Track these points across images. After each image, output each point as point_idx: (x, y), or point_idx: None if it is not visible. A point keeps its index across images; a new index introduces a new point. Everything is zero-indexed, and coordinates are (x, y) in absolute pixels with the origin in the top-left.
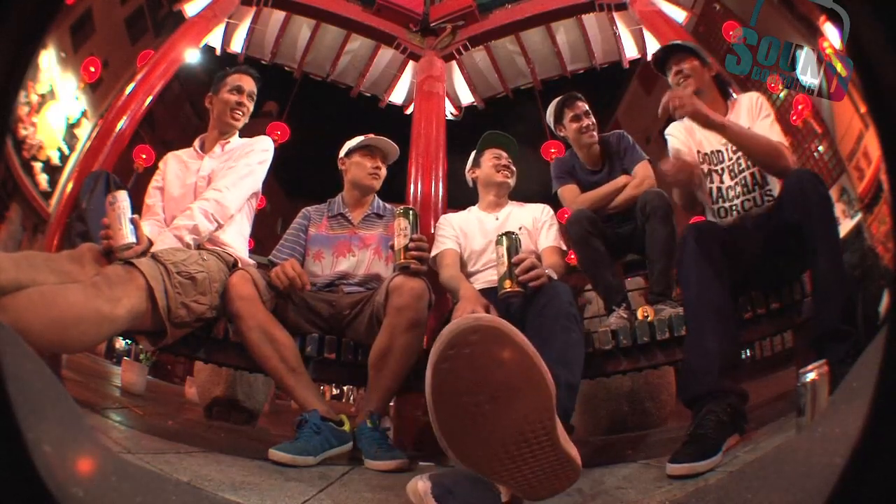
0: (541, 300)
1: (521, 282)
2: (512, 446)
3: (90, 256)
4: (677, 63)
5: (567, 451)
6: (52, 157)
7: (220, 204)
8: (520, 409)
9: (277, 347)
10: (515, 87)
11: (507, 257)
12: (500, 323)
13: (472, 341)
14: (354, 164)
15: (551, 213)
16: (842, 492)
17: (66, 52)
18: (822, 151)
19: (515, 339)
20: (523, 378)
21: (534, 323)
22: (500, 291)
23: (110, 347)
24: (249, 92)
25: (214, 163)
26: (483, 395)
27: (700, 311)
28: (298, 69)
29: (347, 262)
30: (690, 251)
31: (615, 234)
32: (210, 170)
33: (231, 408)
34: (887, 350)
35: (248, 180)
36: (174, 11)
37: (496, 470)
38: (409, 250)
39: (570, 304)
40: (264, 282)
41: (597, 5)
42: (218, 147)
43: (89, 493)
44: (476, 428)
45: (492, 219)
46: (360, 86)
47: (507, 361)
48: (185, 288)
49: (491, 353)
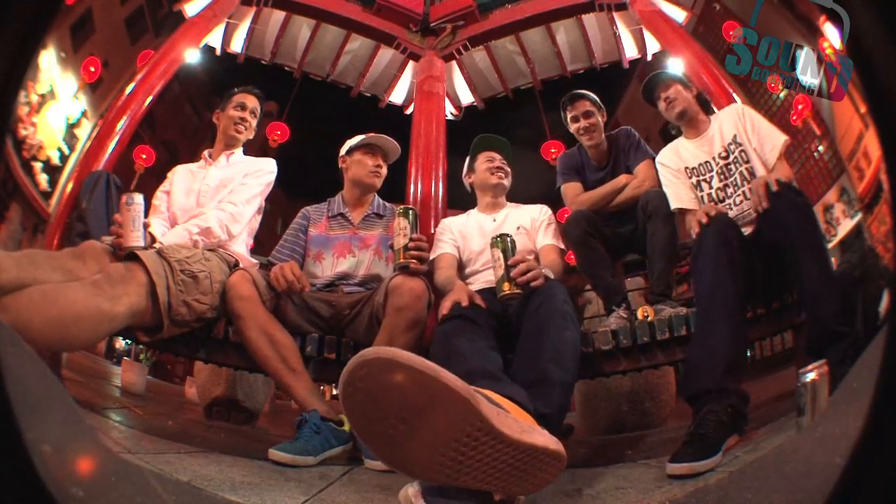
0: (535, 299)
1: (518, 284)
2: (452, 453)
3: (92, 253)
4: (664, 90)
5: (525, 441)
6: (52, 157)
7: (234, 217)
8: (437, 421)
9: (277, 348)
10: (515, 87)
11: (503, 260)
12: (385, 351)
13: (363, 375)
14: (355, 163)
15: (549, 213)
16: (842, 492)
17: (66, 52)
18: (822, 151)
19: (403, 362)
20: (425, 394)
21: (529, 322)
22: (498, 294)
23: (110, 347)
24: (252, 109)
25: (219, 172)
26: (392, 420)
27: (711, 306)
28: (298, 69)
29: (348, 262)
30: (709, 242)
31: (615, 234)
32: (215, 178)
33: (231, 408)
34: (887, 350)
35: (259, 199)
36: (174, 11)
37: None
38: (408, 250)
39: (564, 303)
40: (265, 282)
41: (597, 5)
42: (223, 157)
43: (89, 493)
44: (403, 449)
45: (489, 220)
46: (360, 86)
47: (402, 385)
48: (186, 286)
49: (382, 381)
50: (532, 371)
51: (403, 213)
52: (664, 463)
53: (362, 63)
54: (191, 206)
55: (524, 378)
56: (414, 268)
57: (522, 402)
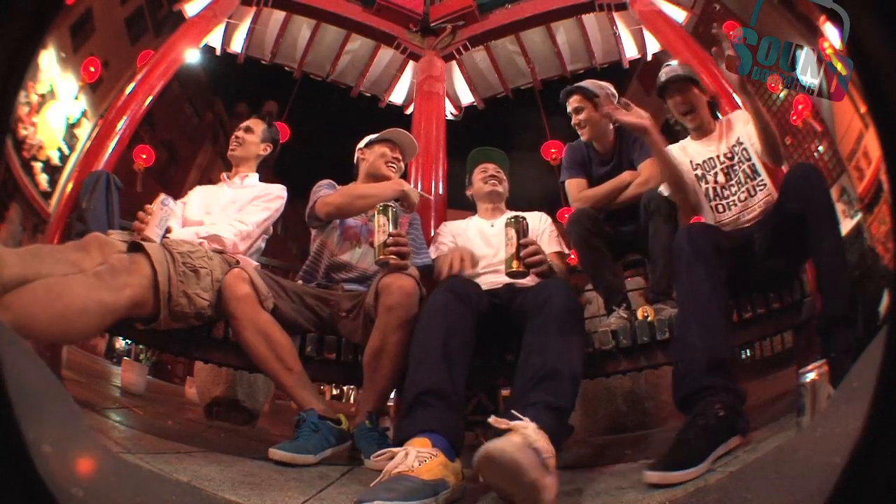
0: (542, 294)
1: (526, 264)
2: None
3: (96, 245)
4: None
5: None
6: (52, 157)
7: (243, 234)
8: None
9: (274, 348)
10: (515, 87)
11: (515, 239)
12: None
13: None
14: (373, 153)
15: (549, 220)
16: (842, 492)
17: (66, 52)
18: (822, 151)
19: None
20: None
21: (536, 317)
22: (507, 270)
23: (110, 347)
24: (245, 128)
25: (232, 192)
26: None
27: (688, 310)
28: (298, 69)
29: (352, 251)
30: (682, 252)
31: (617, 233)
32: (227, 196)
33: (231, 408)
34: (887, 350)
35: (267, 223)
36: (174, 11)
37: None
38: (387, 246)
39: (571, 300)
40: (262, 281)
41: (597, 5)
42: (238, 179)
43: (89, 493)
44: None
45: (488, 226)
46: (360, 86)
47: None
48: (187, 278)
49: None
50: (543, 365)
51: (383, 210)
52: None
53: (362, 63)
54: (201, 217)
55: (534, 372)
56: (394, 263)
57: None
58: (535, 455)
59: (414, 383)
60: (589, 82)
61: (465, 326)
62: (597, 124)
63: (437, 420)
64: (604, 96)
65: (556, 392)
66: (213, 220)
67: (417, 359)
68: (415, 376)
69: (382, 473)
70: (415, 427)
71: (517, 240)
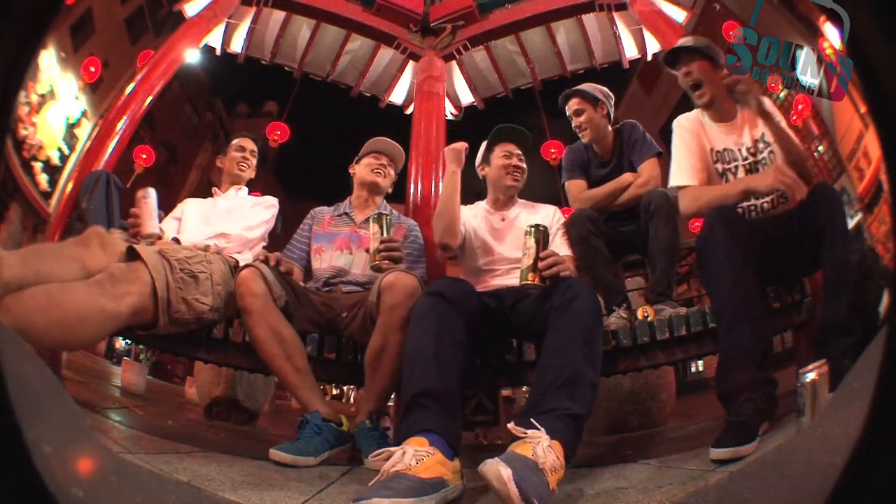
0: (567, 294)
1: (543, 277)
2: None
3: (97, 240)
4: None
5: None
6: (52, 157)
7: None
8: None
9: (285, 346)
10: (515, 87)
11: (535, 250)
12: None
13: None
14: (361, 166)
15: (561, 219)
16: (842, 492)
17: (66, 52)
18: (822, 151)
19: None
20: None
21: (559, 318)
22: (521, 280)
23: (110, 347)
24: (251, 150)
25: (227, 203)
26: None
27: (735, 299)
28: (298, 69)
29: (344, 258)
30: (718, 235)
31: (617, 234)
32: (224, 207)
33: (231, 408)
34: (887, 350)
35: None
36: (174, 11)
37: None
38: (380, 251)
39: (596, 303)
40: (275, 279)
41: (597, 5)
42: (232, 191)
43: (89, 494)
44: None
45: (497, 218)
46: (360, 86)
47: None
48: (186, 284)
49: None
50: (566, 368)
51: (376, 218)
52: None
53: (362, 63)
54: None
55: (556, 375)
56: (387, 268)
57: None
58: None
59: (408, 387)
60: (587, 86)
61: (454, 328)
62: (598, 126)
63: (433, 420)
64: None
65: (576, 398)
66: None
67: (410, 363)
68: (408, 380)
69: (380, 472)
70: (412, 428)
71: (536, 251)
